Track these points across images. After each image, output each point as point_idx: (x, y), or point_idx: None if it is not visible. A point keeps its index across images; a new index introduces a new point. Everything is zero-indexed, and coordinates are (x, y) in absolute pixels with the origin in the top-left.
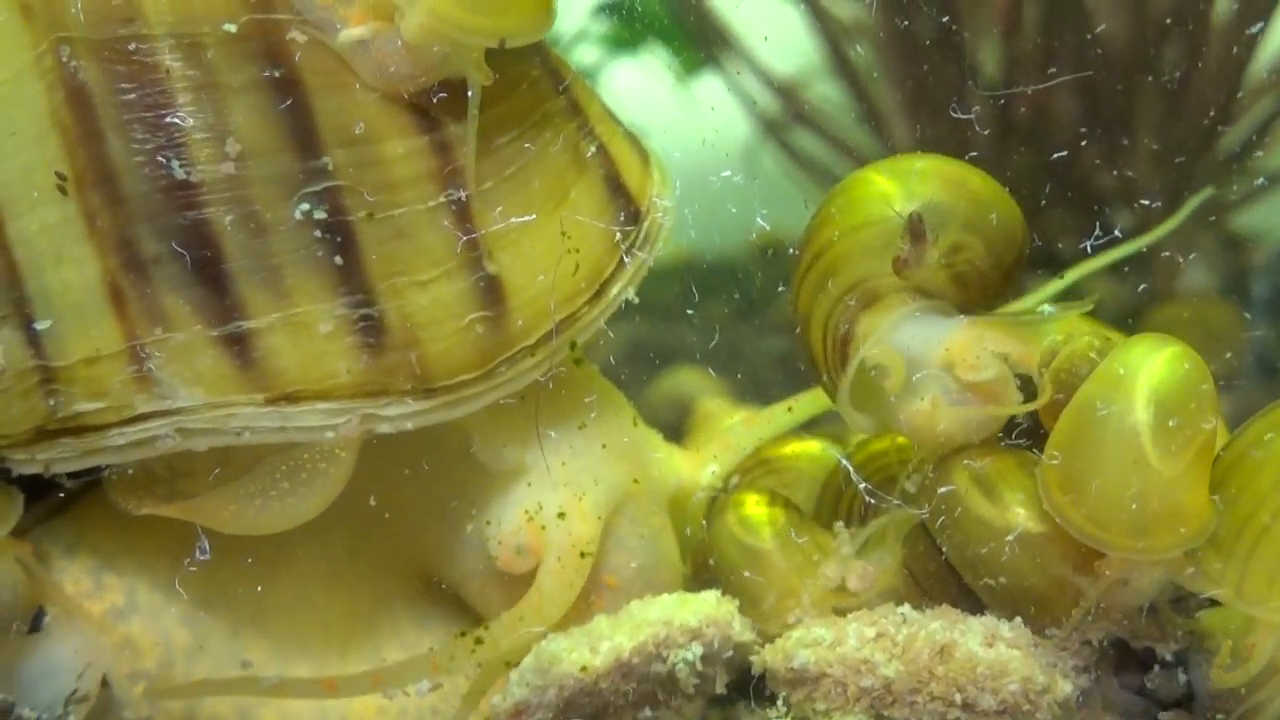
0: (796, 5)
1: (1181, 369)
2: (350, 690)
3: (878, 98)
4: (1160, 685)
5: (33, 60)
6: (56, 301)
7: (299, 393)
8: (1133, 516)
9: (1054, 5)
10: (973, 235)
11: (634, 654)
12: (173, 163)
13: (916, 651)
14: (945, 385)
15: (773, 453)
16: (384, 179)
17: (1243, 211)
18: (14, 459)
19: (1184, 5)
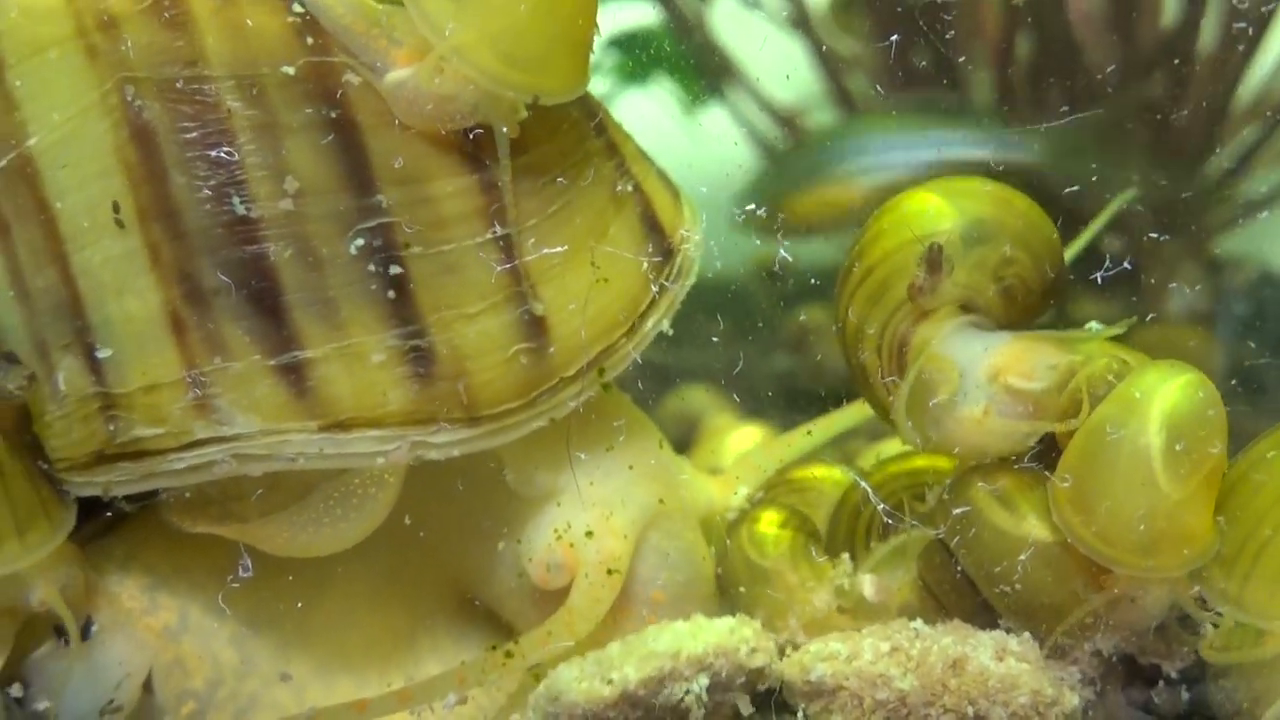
0: (798, 39)
1: (1195, 396)
2: (380, 710)
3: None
4: (1164, 701)
5: (98, 99)
6: (118, 331)
7: (352, 420)
8: (1140, 536)
9: (1044, 37)
10: (1022, 250)
11: (640, 686)
12: (233, 199)
13: (930, 665)
14: (993, 395)
15: (798, 474)
16: (434, 216)
17: (1228, 236)
18: (73, 481)
19: (1170, 38)
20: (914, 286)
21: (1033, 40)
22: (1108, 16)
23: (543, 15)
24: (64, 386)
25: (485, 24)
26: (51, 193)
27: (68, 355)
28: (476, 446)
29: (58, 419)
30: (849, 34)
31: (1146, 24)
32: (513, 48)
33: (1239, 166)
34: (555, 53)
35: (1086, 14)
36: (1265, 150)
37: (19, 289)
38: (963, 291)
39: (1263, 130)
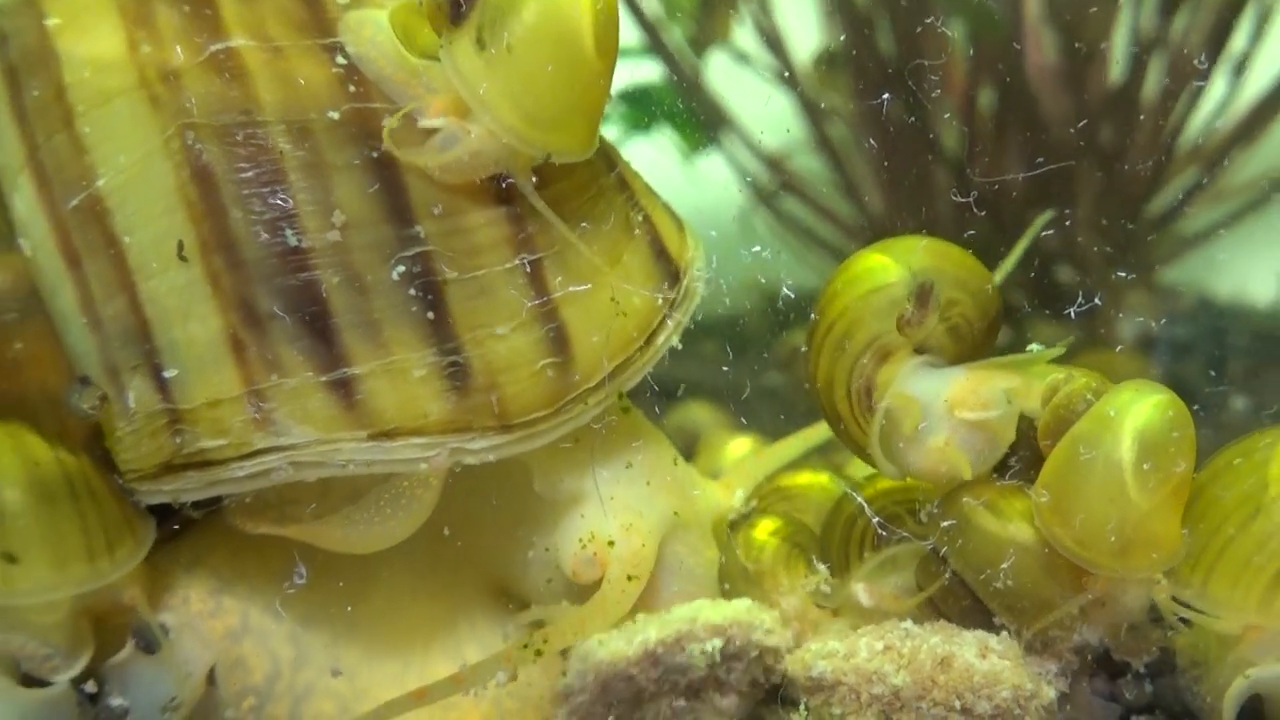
0: (785, 91)
1: (1165, 415)
2: (438, 694)
3: (853, 169)
4: (1130, 693)
5: (161, 143)
6: (183, 353)
7: (396, 429)
8: (1113, 541)
9: (1004, 90)
10: (961, 292)
11: (659, 644)
12: (286, 231)
13: (920, 663)
14: (953, 426)
15: (787, 482)
16: (467, 244)
17: (1171, 268)
18: (142, 490)
19: (1117, 92)
20: (903, 319)
21: (995, 92)
22: (1062, 72)
23: (561, 82)
24: (134, 404)
25: (509, 84)
26: (120, 228)
27: (137, 376)
28: (509, 452)
29: (128, 434)
30: (830, 88)
31: (1096, 79)
32: (532, 108)
33: (1179, 205)
34: (570, 117)
35: (1042, 69)
36: (1202, 192)
37: (91, 317)
38: (920, 336)
39: (1200, 173)
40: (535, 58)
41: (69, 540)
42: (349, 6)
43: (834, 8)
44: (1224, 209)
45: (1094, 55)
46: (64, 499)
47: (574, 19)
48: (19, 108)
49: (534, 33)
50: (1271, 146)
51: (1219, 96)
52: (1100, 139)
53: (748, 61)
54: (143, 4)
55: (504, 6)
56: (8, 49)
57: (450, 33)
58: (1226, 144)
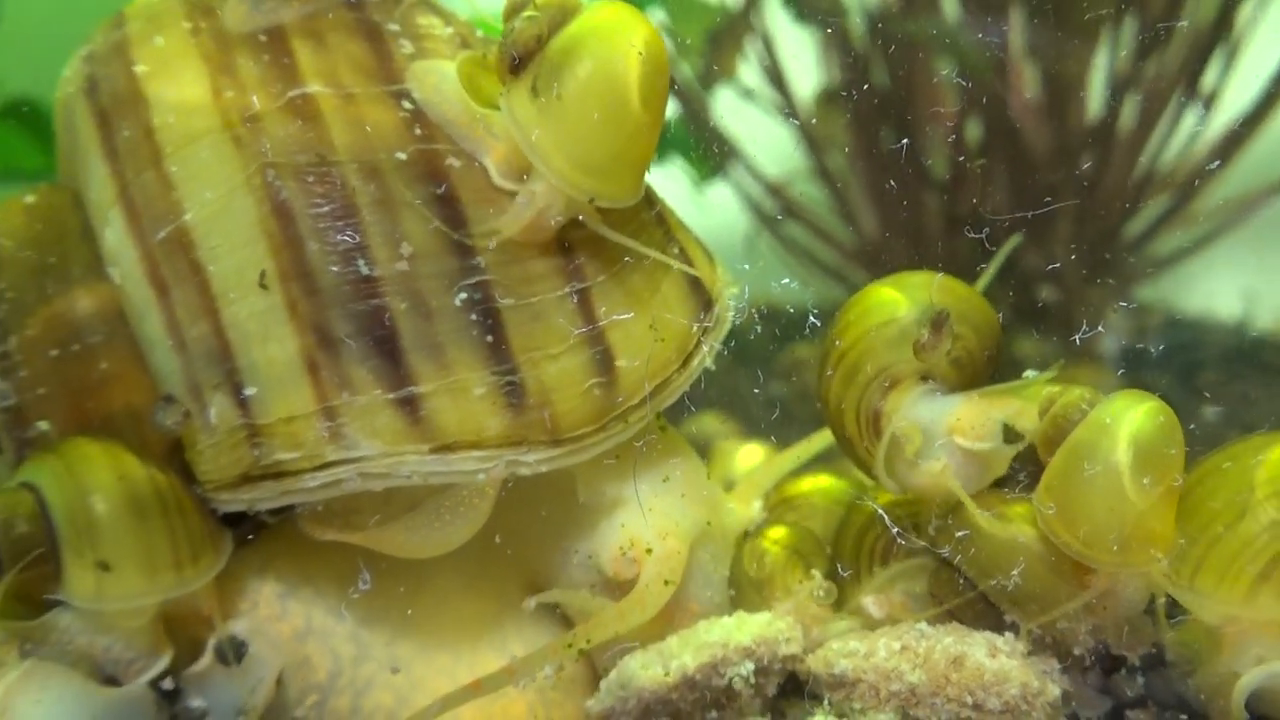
0: (786, 123)
1: (1157, 420)
2: (492, 686)
3: (850, 195)
4: (1123, 685)
5: (243, 180)
6: (262, 373)
7: (457, 443)
8: (1113, 538)
9: (990, 119)
10: (965, 326)
11: (698, 671)
12: (358, 261)
13: (935, 662)
14: (950, 452)
15: (791, 490)
16: (523, 274)
17: (1144, 287)
18: (220, 499)
19: (1095, 125)
20: (919, 344)
21: (982, 124)
22: (1044, 106)
23: (607, 132)
24: (215, 420)
25: (558, 131)
26: (204, 258)
27: (218, 394)
28: (559, 464)
29: (209, 447)
30: (828, 121)
31: (1075, 113)
32: (580, 154)
33: (1151, 230)
34: (615, 164)
35: (1026, 104)
36: (1173, 217)
37: (176, 339)
38: (922, 364)
39: (1170, 201)
40: (583, 107)
41: (158, 551)
42: (414, 56)
43: (831, 47)
44: (1193, 233)
45: (1073, 92)
46: (155, 512)
47: (621, 74)
48: (110, 147)
49: (583, 84)
50: (1236, 175)
51: (1189, 130)
52: (1079, 168)
53: (752, 97)
54: (225, 52)
55: (557, 60)
56: (99, 93)
57: (510, 83)
58: (1195, 173)
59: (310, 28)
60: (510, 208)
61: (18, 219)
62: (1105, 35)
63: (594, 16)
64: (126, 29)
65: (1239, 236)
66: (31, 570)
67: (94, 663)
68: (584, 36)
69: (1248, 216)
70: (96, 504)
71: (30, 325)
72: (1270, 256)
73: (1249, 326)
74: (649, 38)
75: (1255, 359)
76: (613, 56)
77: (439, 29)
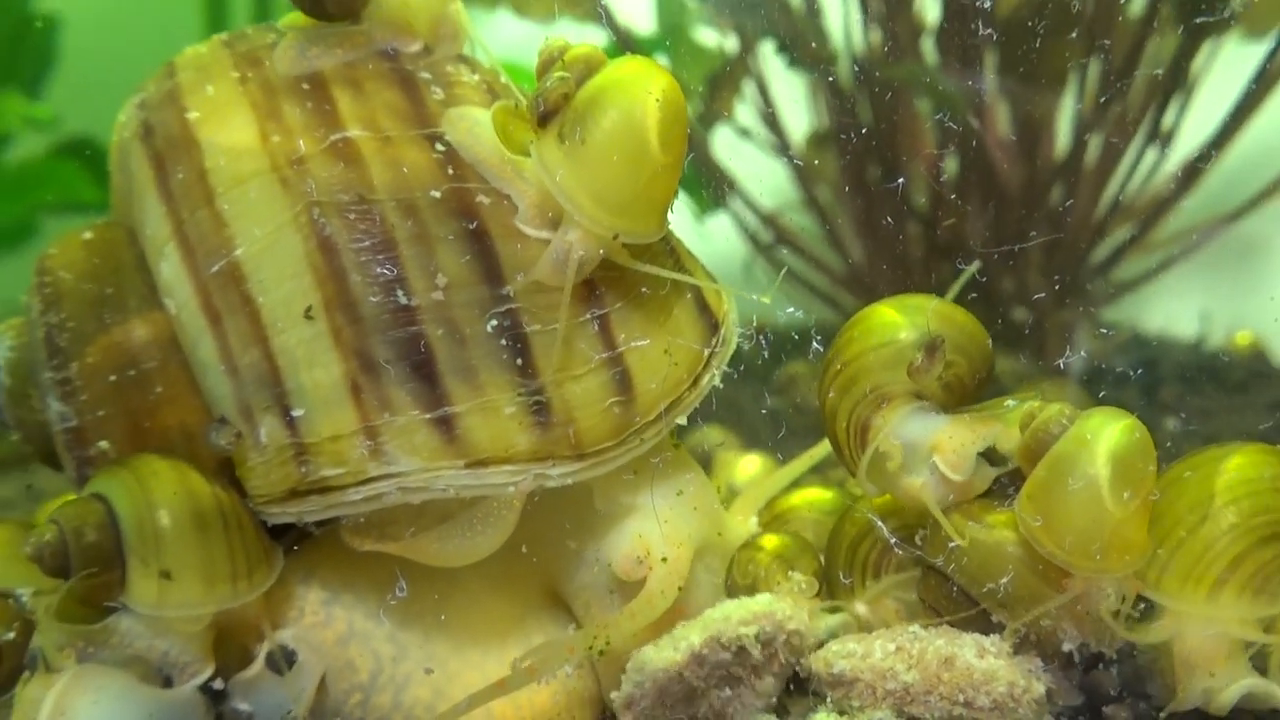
0: (779, 159)
1: (1134, 436)
2: (515, 684)
3: (838, 224)
4: (1098, 679)
5: (290, 218)
6: (309, 395)
7: (489, 459)
8: (1091, 545)
9: (966, 156)
10: (960, 355)
11: (704, 646)
12: (397, 292)
13: (927, 662)
14: (931, 468)
15: (782, 506)
16: (548, 301)
17: (1108, 308)
18: (270, 512)
19: (1062, 161)
20: (913, 366)
21: (959, 160)
22: (1017, 144)
23: (627, 173)
24: (265, 439)
25: (582, 172)
26: (255, 290)
27: (268, 415)
28: (582, 477)
29: (259, 464)
30: (818, 157)
31: (1044, 148)
32: (602, 193)
33: (1115, 256)
34: (636, 203)
35: (1000, 142)
36: (1134, 245)
37: (228, 365)
38: (914, 385)
39: (1132, 230)
40: (606, 151)
41: (217, 563)
42: (445, 101)
43: (820, 91)
44: (1153, 259)
45: (1043, 131)
46: (216, 527)
47: (640, 119)
48: (166, 188)
49: (605, 130)
50: (1192, 207)
51: (1149, 165)
52: (1049, 200)
53: (748, 135)
54: (271, 100)
55: (582, 110)
56: (154, 138)
57: (540, 132)
58: (1155, 205)
59: (349, 76)
60: (545, 255)
61: (77, 253)
62: (1072, 80)
63: (616, 70)
64: (178, 78)
65: (1194, 262)
66: (95, 577)
67: (149, 665)
68: (607, 87)
69: (1202, 244)
70: (163, 516)
71: (90, 353)
72: (1222, 280)
73: (1204, 344)
74: (667, 87)
75: (1212, 374)
76: (633, 104)
77: (466, 76)
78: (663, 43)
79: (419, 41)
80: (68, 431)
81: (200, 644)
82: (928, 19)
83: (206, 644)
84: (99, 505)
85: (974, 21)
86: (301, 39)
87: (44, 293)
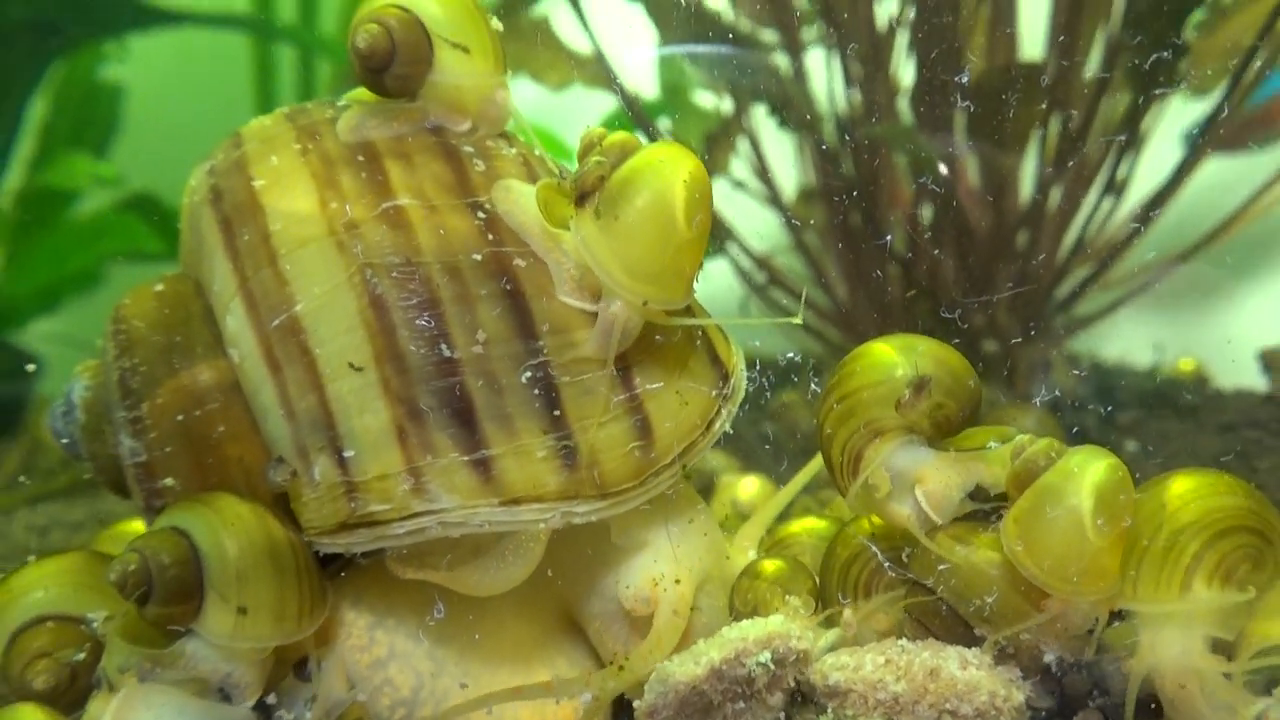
0: (770, 208)
1: (1116, 474)
2: (530, 695)
3: (825, 266)
4: (1070, 684)
5: (345, 278)
6: (359, 439)
7: (522, 498)
8: (1071, 571)
9: (940, 205)
10: (950, 399)
11: (723, 662)
12: (441, 346)
13: (914, 674)
14: (914, 502)
15: (782, 534)
16: (576, 356)
17: (1071, 340)
18: (322, 543)
19: (1027, 208)
20: (900, 402)
21: (934, 208)
22: (985, 192)
23: (656, 248)
24: (319, 477)
25: (615, 245)
26: (312, 342)
27: (322, 455)
28: (605, 515)
29: (313, 499)
30: (807, 208)
31: (1010, 199)
32: (633, 264)
33: (1076, 293)
34: (663, 273)
35: (970, 191)
36: (1093, 283)
37: (286, 409)
38: (910, 421)
39: (1091, 269)
40: (636, 226)
41: (288, 603)
42: (486, 173)
43: (806, 147)
44: (1110, 295)
45: (1009, 182)
46: (289, 570)
47: (669, 199)
48: (233, 248)
49: (637, 209)
50: (1144, 248)
51: (1105, 212)
52: (1015, 244)
53: (743, 187)
54: (330, 170)
55: (616, 190)
56: (223, 202)
57: (578, 209)
58: (1110, 248)
59: (400, 149)
60: (594, 331)
61: (149, 304)
62: (1034, 137)
63: (648, 154)
64: (245, 149)
65: (1148, 298)
66: (171, 605)
67: (206, 685)
68: (639, 170)
69: (1155, 281)
70: (246, 556)
71: (159, 394)
72: (1173, 313)
73: (1159, 372)
74: (694, 170)
75: (1166, 399)
76: (662, 185)
77: (504, 150)
78: (666, 105)
79: (468, 121)
80: (137, 465)
81: (261, 668)
82: (903, 82)
83: (267, 667)
84: (181, 539)
85: (948, 86)
86: (363, 111)
87: (118, 339)
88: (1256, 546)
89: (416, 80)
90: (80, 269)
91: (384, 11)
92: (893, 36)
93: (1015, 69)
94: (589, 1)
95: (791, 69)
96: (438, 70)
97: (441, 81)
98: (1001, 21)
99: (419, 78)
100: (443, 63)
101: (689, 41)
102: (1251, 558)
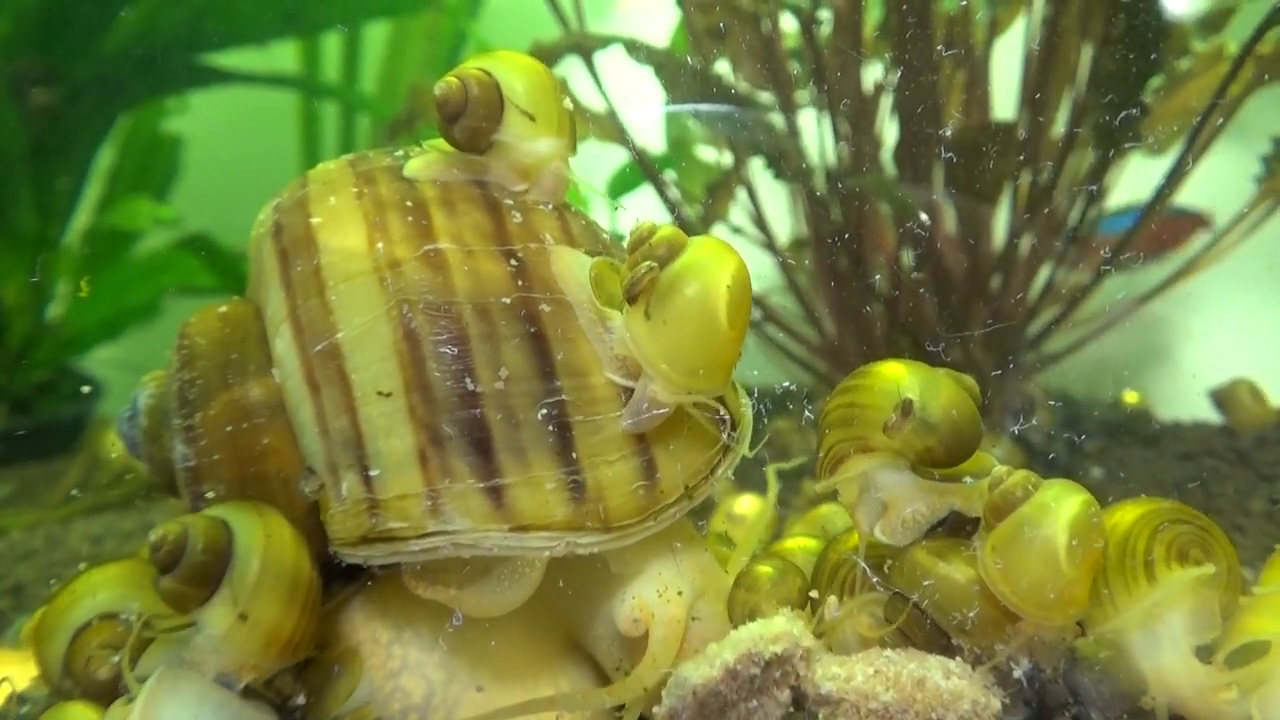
0: (766, 253)
1: (1089, 510)
2: (536, 709)
3: (815, 305)
4: (1046, 694)
5: (384, 311)
6: (384, 460)
7: (530, 525)
8: (1044, 599)
9: (920, 249)
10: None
11: (737, 662)
12: (466, 380)
13: (902, 683)
14: (886, 519)
15: (777, 549)
16: (590, 397)
17: (1042, 374)
18: (344, 553)
19: (1000, 253)
20: (887, 424)
21: (915, 252)
22: (962, 238)
23: (700, 345)
24: (345, 493)
25: (663, 344)
26: (349, 368)
27: (350, 472)
28: (607, 547)
29: (339, 512)
30: (798, 254)
31: (985, 244)
32: (680, 362)
33: (1045, 331)
34: (706, 368)
35: (947, 237)
36: (1060, 323)
37: (321, 428)
38: (898, 446)
39: (1059, 310)
40: (682, 327)
41: (282, 631)
42: (523, 225)
43: (799, 196)
44: (1076, 334)
45: (983, 229)
46: (299, 604)
47: (713, 303)
48: (287, 278)
49: (683, 312)
50: (1108, 291)
51: (1073, 256)
52: (989, 286)
53: (740, 232)
54: (380, 213)
55: (664, 291)
56: (283, 235)
57: (629, 306)
58: (1077, 290)
59: (446, 198)
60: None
61: (212, 323)
62: (1007, 188)
63: (695, 254)
64: (308, 189)
65: (1112, 335)
66: (186, 584)
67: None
68: (686, 273)
69: (1117, 321)
70: (270, 571)
71: (212, 406)
72: (1136, 350)
73: (1121, 405)
74: (736, 271)
75: (1129, 429)
76: (707, 289)
77: (543, 205)
78: (672, 158)
79: (525, 184)
80: (187, 470)
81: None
82: (887, 138)
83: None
84: (225, 532)
85: (929, 141)
86: (434, 157)
87: (182, 353)
88: (1196, 532)
89: (484, 136)
90: (140, 301)
91: (468, 70)
92: (878, 97)
93: (990, 127)
94: (603, 64)
95: (786, 126)
96: (504, 131)
97: (507, 142)
98: (976, 83)
99: (487, 134)
100: (510, 125)
101: (694, 101)
102: (1197, 542)
